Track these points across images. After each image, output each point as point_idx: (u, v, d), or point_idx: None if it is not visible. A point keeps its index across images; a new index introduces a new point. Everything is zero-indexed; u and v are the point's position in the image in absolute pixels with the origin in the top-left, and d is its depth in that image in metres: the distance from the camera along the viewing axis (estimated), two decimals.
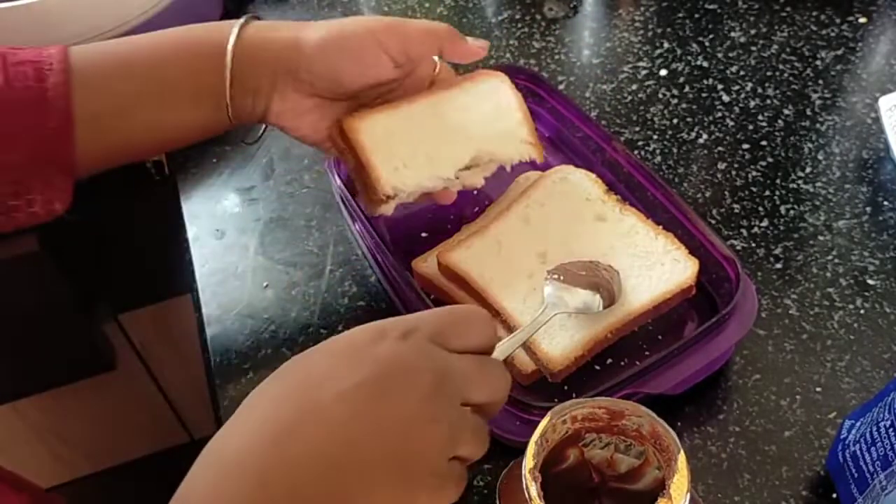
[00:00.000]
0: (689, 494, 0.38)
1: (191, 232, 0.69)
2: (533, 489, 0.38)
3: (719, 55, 0.79)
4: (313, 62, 0.54)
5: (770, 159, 0.71)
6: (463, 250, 0.60)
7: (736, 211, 0.67)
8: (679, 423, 0.55)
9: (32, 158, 0.49)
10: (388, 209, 0.59)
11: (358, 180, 0.59)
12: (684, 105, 0.75)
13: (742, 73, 0.78)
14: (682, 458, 0.38)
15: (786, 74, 0.77)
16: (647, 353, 0.58)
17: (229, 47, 0.53)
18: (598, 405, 0.41)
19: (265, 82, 0.55)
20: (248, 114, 0.56)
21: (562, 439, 0.42)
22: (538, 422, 0.40)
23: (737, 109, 0.75)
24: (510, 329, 0.57)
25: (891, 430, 0.46)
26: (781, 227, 0.66)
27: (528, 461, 0.39)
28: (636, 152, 0.71)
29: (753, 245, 0.65)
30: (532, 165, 0.65)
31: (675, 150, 0.72)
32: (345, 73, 0.55)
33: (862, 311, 0.61)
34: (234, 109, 0.55)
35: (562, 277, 0.56)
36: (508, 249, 0.61)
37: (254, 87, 0.55)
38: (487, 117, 0.61)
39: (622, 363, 0.57)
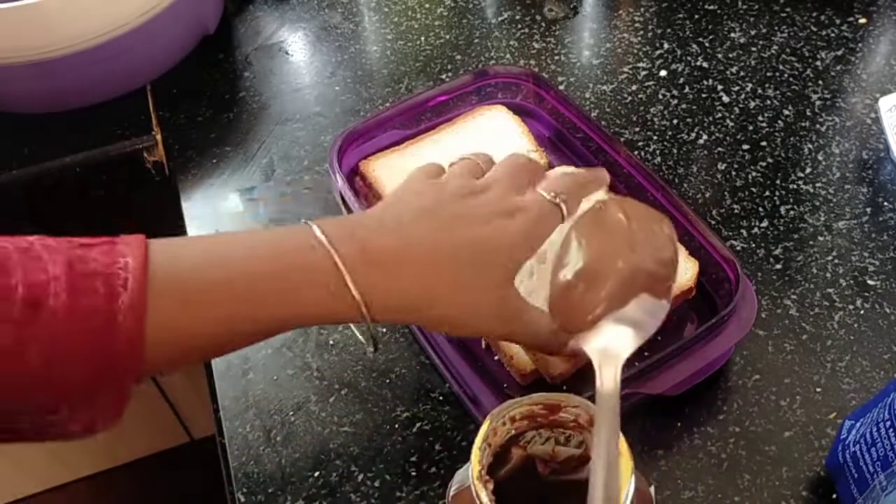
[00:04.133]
0: (633, 476, 0.38)
1: (191, 232, 0.69)
2: (483, 495, 0.38)
3: (719, 56, 0.79)
4: None
5: (770, 160, 0.71)
6: None
7: (736, 211, 0.67)
8: (679, 424, 0.55)
9: (90, 381, 0.41)
10: None
11: None
12: (684, 106, 0.75)
13: (742, 73, 0.78)
14: (622, 442, 0.38)
15: (786, 75, 0.77)
16: (646, 353, 0.57)
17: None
18: (533, 402, 0.41)
19: None
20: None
21: (504, 441, 0.42)
22: None
23: (737, 110, 0.75)
24: None
25: (891, 430, 0.46)
26: (781, 228, 0.66)
27: (475, 468, 0.38)
28: (636, 153, 0.71)
29: (753, 246, 0.65)
30: None
31: (674, 151, 0.72)
32: None
33: (862, 312, 0.61)
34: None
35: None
36: None
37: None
38: (490, 139, 0.67)
39: None
